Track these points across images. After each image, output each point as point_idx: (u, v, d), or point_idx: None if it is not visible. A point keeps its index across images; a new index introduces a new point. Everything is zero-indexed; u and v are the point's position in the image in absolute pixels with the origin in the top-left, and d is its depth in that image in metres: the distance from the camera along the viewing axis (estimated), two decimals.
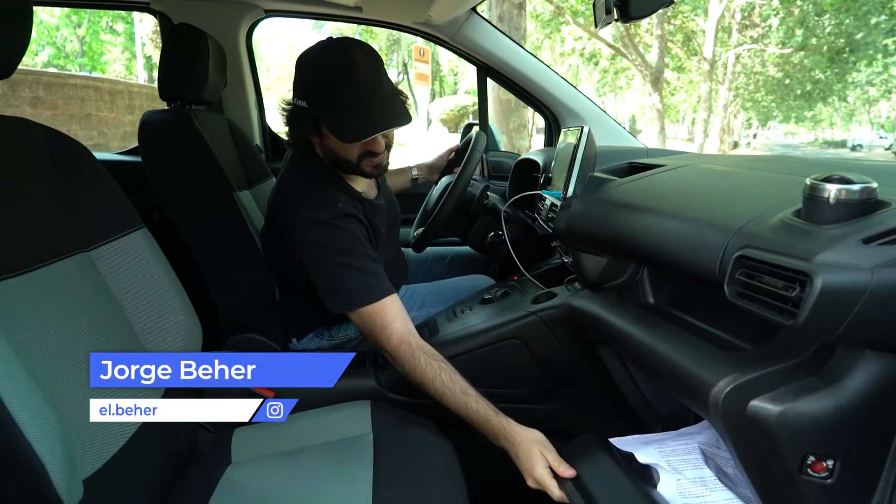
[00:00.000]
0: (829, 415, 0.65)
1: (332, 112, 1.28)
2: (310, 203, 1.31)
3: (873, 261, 0.59)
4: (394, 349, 1.21)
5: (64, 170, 0.97)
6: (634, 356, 0.98)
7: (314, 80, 1.31)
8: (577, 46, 12.21)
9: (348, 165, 1.37)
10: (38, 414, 0.68)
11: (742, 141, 40.89)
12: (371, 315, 1.24)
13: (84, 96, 8.48)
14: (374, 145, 1.34)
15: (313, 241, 1.29)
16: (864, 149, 38.05)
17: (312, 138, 1.37)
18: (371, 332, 1.25)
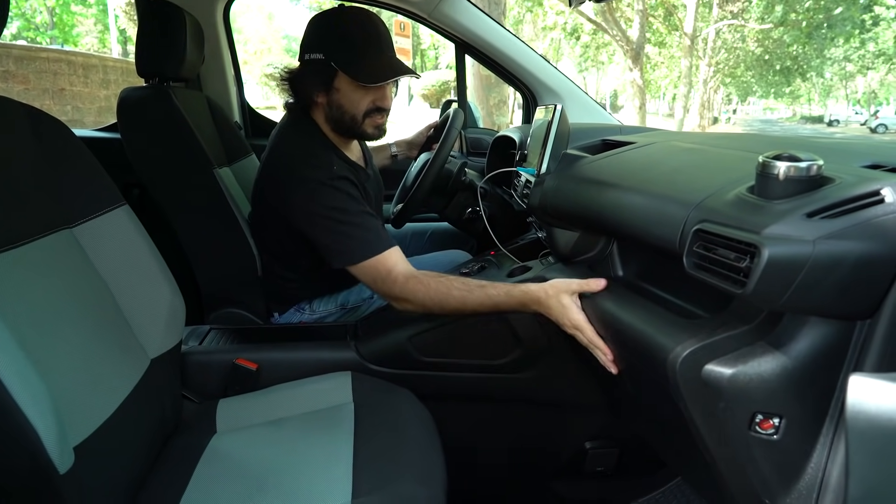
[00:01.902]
0: (777, 376, 0.70)
1: (353, 56, 1.34)
2: (306, 166, 1.35)
3: (816, 233, 0.64)
4: (402, 287, 1.25)
5: (45, 147, 0.99)
6: (602, 325, 1.02)
7: (334, 31, 1.37)
8: (558, 21, 12.13)
9: (352, 123, 1.41)
10: (29, 383, 0.71)
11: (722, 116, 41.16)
12: (375, 266, 1.28)
13: (57, 70, 8.29)
14: (383, 99, 1.40)
15: (311, 202, 1.32)
16: (841, 124, 38.53)
17: (318, 97, 1.40)
18: (376, 282, 1.29)
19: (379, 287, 1.30)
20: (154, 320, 1.09)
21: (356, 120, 1.41)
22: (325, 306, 1.56)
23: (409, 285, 1.25)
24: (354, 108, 1.39)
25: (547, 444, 1.41)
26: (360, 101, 1.38)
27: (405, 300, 1.26)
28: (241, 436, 1.10)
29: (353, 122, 1.41)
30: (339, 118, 1.41)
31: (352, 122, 1.41)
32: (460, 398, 1.36)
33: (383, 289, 1.29)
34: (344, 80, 1.37)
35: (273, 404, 1.17)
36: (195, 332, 1.41)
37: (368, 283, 1.32)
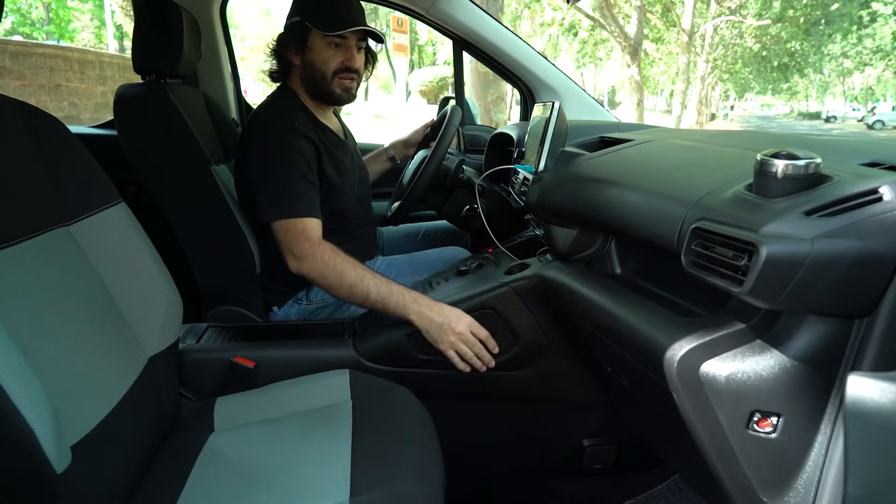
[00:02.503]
0: (774, 375, 0.70)
1: (323, 12, 1.48)
2: (269, 119, 1.50)
3: (814, 232, 0.64)
4: (310, 248, 1.35)
5: (41, 145, 0.98)
6: (599, 323, 1.02)
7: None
8: (556, 17, 12.11)
9: (322, 80, 1.51)
10: (26, 383, 0.71)
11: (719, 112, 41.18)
12: (294, 225, 1.37)
13: (53, 66, 8.26)
14: (351, 59, 1.52)
15: (262, 147, 1.45)
16: (838, 120, 38.57)
17: (294, 59, 1.53)
18: (287, 239, 1.38)
19: (288, 243, 1.37)
20: (151, 318, 1.08)
21: (325, 78, 1.51)
22: (322, 296, 1.57)
23: (317, 249, 1.35)
24: (324, 66, 1.51)
25: (545, 441, 1.41)
26: (330, 59, 1.50)
27: (305, 259, 1.35)
28: (239, 434, 1.10)
29: (323, 79, 1.51)
30: (311, 78, 1.53)
31: (321, 80, 1.52)
32: (458, 396, 1.36)
33: (291, 245, 1.37)
34: (315, 38, 1.49)
35: (271, 402, 1.17)
36: (193, 330, 1.40)
37: (280, 241, 1.39)
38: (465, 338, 1.25)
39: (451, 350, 1.25)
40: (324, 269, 1.34)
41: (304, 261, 1.36)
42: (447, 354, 1.26)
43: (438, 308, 1.26)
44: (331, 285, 1.34)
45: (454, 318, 1.25)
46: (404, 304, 1.28)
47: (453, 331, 1.24)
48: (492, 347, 1.27)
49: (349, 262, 1.34)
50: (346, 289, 1.32)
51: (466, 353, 1.25)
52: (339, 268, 1.33)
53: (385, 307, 1.29)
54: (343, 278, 1.32)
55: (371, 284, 1.30)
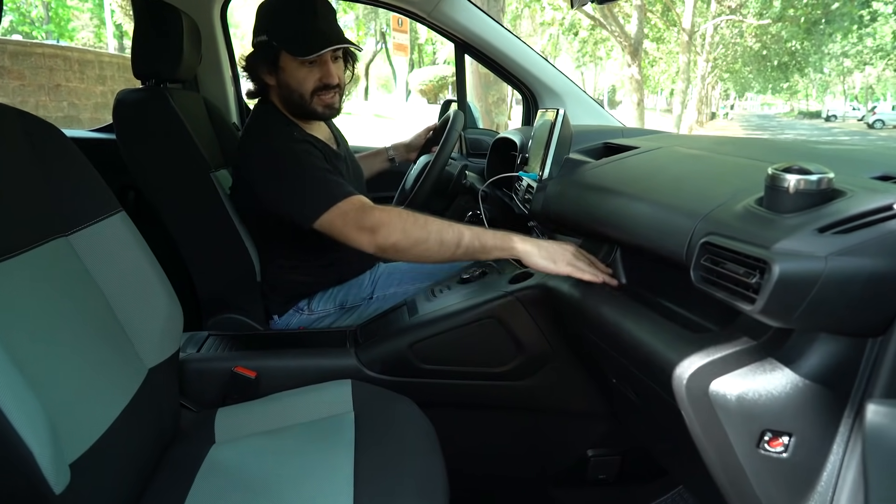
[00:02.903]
0: (786, 393, 0.69)
1: (289, 30, 1.37)
2: (266, 137, 1.41)
3: (828, 249, 0.62)
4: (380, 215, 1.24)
5: (40, 155, 0.97)
6: (605, 336, 1.01)
7: (273, 11, 1.41)
8: (556, 17, 12.09)
9: (301, 102, 1.43)
10: (24, 402, 0.70)
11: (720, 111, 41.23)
12: (344, 209, 1.27)
13: (52, 66, 8.24)
14: (328, 76, 1.41)
15: (271, 164, 1.36)
16: (839, 119, 38.62)
17: (269, 79, 1.43)
18: (347, 223, 1.27)
19: (352, 224, 1.26)
20: (151, 329, 1.07)
21: (304, 98, 1.42)
22: (323, 306, 1.56)
23: (385, 211, 1.25)
24: (301, 87, 1.41)
25: (548, 451, 1.40)
26: (306, 78, 1.40)
27: (381, 226, 1.23)
28: (241, 446, 1.08)
29: (302, 100, 1.43)
30: (288, 98, 1.44)
31: (300, 101, 1.43)
32: (462, 406, 1.35)
33: (357, 223, 1.25)
34: (287, 59, 1.39)
35: (272, 413, 1.16)
36: (193, 339, 1.39)
37: (340, 230, 1.28)
38: (576, 253, 1.12)
39: (569, 267, 1.09)
40: (404, 225, 1.21)
41: (380, 228, 1.22)
42: (565, 271, 1.09)
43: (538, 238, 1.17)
44: (417, 240, 1.20)
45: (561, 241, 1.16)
46: (504, 234, 1.17)
47: (566, 249, 1.12)
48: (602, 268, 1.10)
49: (422, 215, 1.22)
50: (436, 236, 1.19)
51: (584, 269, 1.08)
52: (421, 218, 1.21)
53: (484, 244, 1.18)
54: (429, 226, 1.20)
55: (460, 226, 1.19)
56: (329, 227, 1.29)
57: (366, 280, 1.60)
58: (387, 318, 1.42)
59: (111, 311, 1.02)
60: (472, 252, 1.19)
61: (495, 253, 1.17)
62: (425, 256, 1.22)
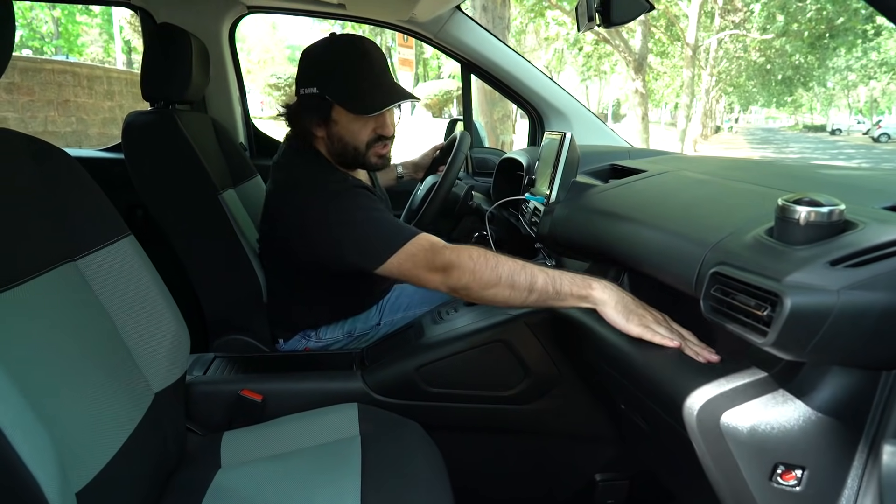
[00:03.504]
0: (799, 426, 0.68)
1: (347, 88, 1.30)
2: (319, 185, 1.31)
3: (840, 283, 0.62)
4: (451, 253, 1.15)
5: (49, 181, 0.97)
6: (613, 362, 1.00)
7: (326, 64, 1.33)
8: (560, 32, 12.17)
9: (355, 154, 1.37)
10: (29, 431, 0.69)
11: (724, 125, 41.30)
12: (413, 250, 1.20)
13: (61, 81, 8.31)
14: (384, 127, 1.37)
15: (330, 211, 1.27)
16: (843, 133, 38.63)
17: (317, 131, 1.37)
18: (417, 264, 1.19)
19: (423, 265, 1.18)
20: (158, 353, 1.07)
21: (359, 151, 1.37)
22: (331, 334, 1.54)
23: (456, 250, 1.16)
24: (355, 140, 1.36)
25: (556, 475, 1.39)
26: (361, 131, 1.35)
27: (453, 267, 1.14)
28: (247, 471, 1.08)
29: (356, 153, 1.38)
30: (341, 151, 1.38)
31: (355, 154, 1.38)
32: (468, 430, 1.34)
33: (429, 264, 1.17)
34: (341, 112, 1.33)
35: (279, 437, 1.15)
36: (200, 361, 1.39)
37: (410, 271, 1.21)
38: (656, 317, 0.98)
39: (640, 328, 0.96)
40: (475, 267, 1.12)
41: (452, 270, 1.14)
42: (635, 332, 0.96)
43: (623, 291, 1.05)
44: (488, 283, 1.11)
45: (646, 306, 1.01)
46: (581, 278, 1.07)
47: (644, 309, 1.00)
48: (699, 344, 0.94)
49: (493, 253, 1.14)
50: (507, 280, 1.10)
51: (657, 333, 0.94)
52: (493, 259, 1.12)
53: (559, 291, 1.07)
54: (500, 269, 1.11)
55: (533, 268, 1.10)
56: (398, 269, 1.22)
57: (373, 310, 1.58)
58: (393, 340, 1.42)
59: (118, 335, 1.02)
60: (546, 299, 1.09)
61: (571, 301, 1.08)
62: (498, 300, 1.14)
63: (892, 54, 23.19)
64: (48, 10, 16.83)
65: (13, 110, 7.65)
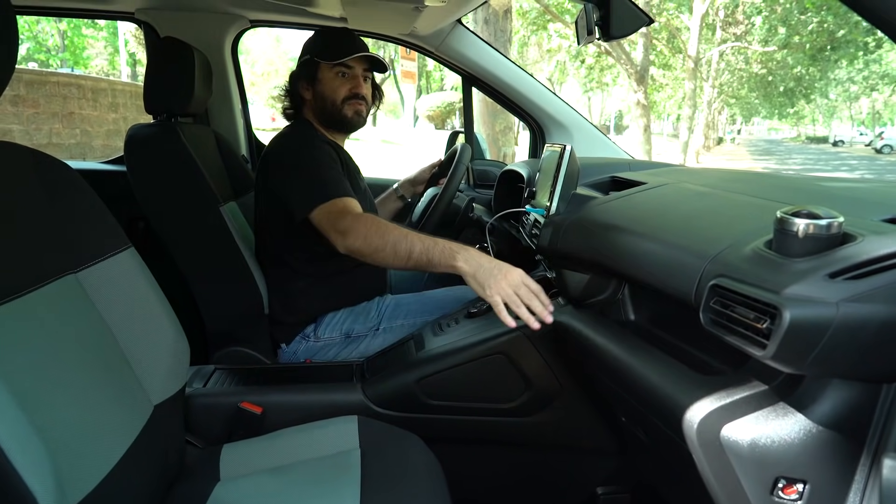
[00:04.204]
0: (799, 440, 0.68)
1: (326, 42, 1.62)
2: (291, 140, 1.58)
3: (839, 295, 0.62)
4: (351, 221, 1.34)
5: (49, 192, 0.98)
6: (614, 375, 1.00)
7: (317, 34, 1.67)
8: (563, 44, 12.23)
9: (333, 109, 1.61)
10: (27, 444, 0.69)
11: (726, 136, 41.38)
12: (331, 210, 1.38)
13: (66, 94, 8.37)
14: (357, 86, 1.61)
15: (287, 157, 1.52)
16: (846, 144, 38.67)
17: (305, 94, 1.63)
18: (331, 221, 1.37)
19: (331, 223, 1.37)
20: (158, 365, 1.07)
21: (336, 105, 1.60)
22: (329, 333, 1.56)
23: (360, 218, 1.36)
24: (334, 94, 1.60)
25: (557, 488, 1.38)
26: (339, 87, 1.60)
27: (350, 231, 1.33)
28: (246, 484, 1.07)
29: (334, 107, 1.61)
30: (322, 107, 1.62)
31: (332, 108, 1.61)
32: (469, 442, 1.34)
33: (334, 223, 1.36)
34: (324, 70, 1.60)
35: (278, 450, 1.15)
36: (200, 373, 1.39)
37: (323, 227, 1.39)
38: (514, 283, 1.15)
39: (497, 296, 1.14)
40: (367, 232, 1.31)
41: (349, 233, 1.33)
42: (492, 301, 1.15)
43: (489, 257, 1.21)
44: (376, 248, 1.30)
45: (506, 266, 1.18)
46: (450, 250, 1.23)
47: (504, 276, 1.16)
48: (545, 303, 1.16)
49: (391, 224, 1.34)
50: (391, 247, 1.28)
51: (514, 301, 1.14)
52: (382, 228, 1.31)
53: (430, 260, 1.25)
54: (387, 237, 1.29)
55: (415, 238, 1.27)
56: (318, 222, 1.41)
57: (373, 310, 1.60)
58: (394, 352, 1.41)
59: (118, 347, 1.02)
60: (421, 265, 1.27)
61: (441, 269, 1.24)
62: (384, 264, 1.32)
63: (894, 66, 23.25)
64: (54, 24, 16.95)
65: (18, 122, 7.70)
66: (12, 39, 0.88)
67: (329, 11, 1.87)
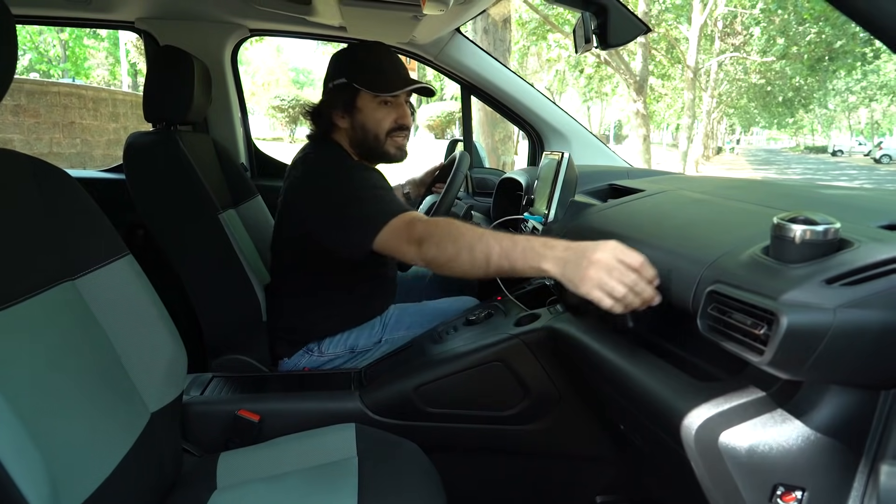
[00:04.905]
0: (798, 447, 0.68)
1: (372, 74, 1.43)
2: (325, 166, 1.41)
3: (836, 301, 0.62)
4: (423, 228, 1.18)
5: (49, 201, 0.98)
6: (612, 382, 1.00)
7: (355, 57, 1.48)
8: (562, 54, 12.29)
9: (375, 142, 1.46)
10: (23, 453, 0.69)
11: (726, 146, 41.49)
12: (396, 227, 1.23)
13: (67, 104, 8.40)
14: (404, 117, 1.47)
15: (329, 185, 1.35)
16: (845, 154, 38.76)
17: (340, 121, 1.47)
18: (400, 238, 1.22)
19: (403, 238, 1.21)
20: (155, 373, 1.06)
21: (379, 139, 1.46)
22: (333, 349, 1.55)
23: (430, 223, 1.20)
24: (377, 127, 1.45)
25: (556, 497, 1.37)
26: (383, 119, 1.45)
27: (424, 239, 1.17)
28: (242, 492, 1.07)
29: (377, 141, 1.46)
30: (362, 139, 1.46)
31: (375, 142, 1.46)
32: (467, 450, 1.33)
33: (407, 237, 1.21)
34: (365, 99, 1.43)
35: (275, 458, 1.14)
36: (197, 381, 1.38)
37: (393, 248, 1.24)
38: (609, 265, 0.91)
39: (596, 290, 0.92)
40: (440, 238, 1.15)
41: (424, 241, 1.17)
42: (592, 296, 0.92)
43: (568, 244, 1.00)
44: (450, 256, 1.12)
45: (591, 247, 0.95)
46: (533, 250, 1.03)
47: (590, 261, 0.93)
48: (649, 277, 0.91)
49: (465, 225, 1.16)
50: (467, 253, 1.10)
51: (615, 290, 0.90)
52: (455, 230, 1.14)
53: (513, 265, 1.05)
54: (460, 241, 1.12)
55: (491, 240, 1.09)
56: (384, 247, 1.25)
57: (377, 324, 1.58)
58: (392, 360, 1.41)
59: (115, 354, 1.02)
60: (503, 271, 1.08)
61: (528, 273, 1.06)
62: (462, 272, 1.13)
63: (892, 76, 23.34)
64: (56, 34, 17.03)
65: (19, 132, 7.72)
66: (11, 48, 0.89)
67: (328, 20, 1.88)
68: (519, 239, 1.06)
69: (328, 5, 1.65)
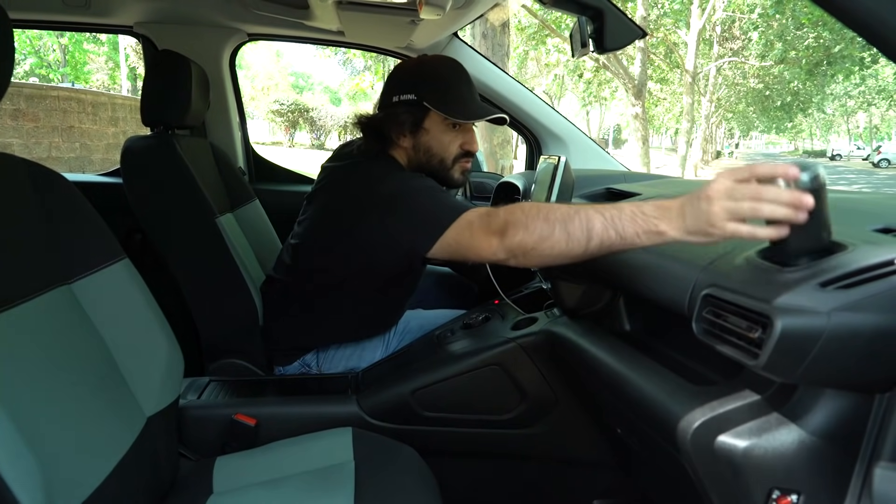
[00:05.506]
0: (793, 450, 0.68)
1: (448, 96, 1.32)
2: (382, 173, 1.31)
3: (830, 305, 0.62)
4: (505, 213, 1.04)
5: (45, 204, 0.98)
6: (608, 384, 1.00)
7: (426, 73, 1.36)
8: (561, 58, 12.32)
9: (440, 167, 1.36)
10: (18, 457, 0.69)
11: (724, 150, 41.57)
12: (471, 222, 1.11)
13: (66, 108, 8.42)
14: (472, 143, 1.38)
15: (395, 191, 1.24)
16: (843, 158, 38.85)
17: (402, 140, 1.35)
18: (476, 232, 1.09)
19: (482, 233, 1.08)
20: (151, 377, 1.06)
21: (445, 164, 1.37)
22: (329, 363, 1.51)
23: (509, 210, 1.05)
24: (444, 151, 1.36)
25: (553, 501, 1.37)
26: (451, 143, 1.35)
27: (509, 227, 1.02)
28: (239, 497, 1.06)
29: (442, 165, 1.37)
30: (426, 162, 1.37)
31: (440, 167, 1.37)
32: (464, 454, 1.33)
33: (486, 231, 1.07)
34: (434, 121, 1.33)
35: (272, 462, 1.14)
36: (194, 385, 1.38)
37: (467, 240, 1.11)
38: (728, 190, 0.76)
39: (731, 224, 0.76)
40: (526, 219, 1.00)
41: (508, 228, 1.02)
42: (728, 231, 0.76)
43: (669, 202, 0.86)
44: (542, 235, 0.97)
45: (700, 187, 0.81)
46: (643, 213, 0.88)
47: (708, 197, 0.78)
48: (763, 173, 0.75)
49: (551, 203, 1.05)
50: (561, 229, 0.95)
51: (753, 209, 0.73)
52: (543, 209, 1.00)
53: (622, 233, 0.89)
54: (551, 216, 0.97)
55: (590, 211, 0.94)
56: (456, 247, 1.14)
57: (378, 347, 1.54)
58: (389, 364, 1.41)
59: (111, 358, 1.02)
60: (610, 244, 0.92)
61: (641, 243, 0.89)
62: (557, 253, 0.97)
63: (891, 81, 23.40)
64: (56, 38, 17.06)
65: (18, 136, 7.74)
66: (9, 53, 0.89)
67: (326, 25, 1.88)
68: (623, 205, 0.92)
69: (326, 10, 1.65)
